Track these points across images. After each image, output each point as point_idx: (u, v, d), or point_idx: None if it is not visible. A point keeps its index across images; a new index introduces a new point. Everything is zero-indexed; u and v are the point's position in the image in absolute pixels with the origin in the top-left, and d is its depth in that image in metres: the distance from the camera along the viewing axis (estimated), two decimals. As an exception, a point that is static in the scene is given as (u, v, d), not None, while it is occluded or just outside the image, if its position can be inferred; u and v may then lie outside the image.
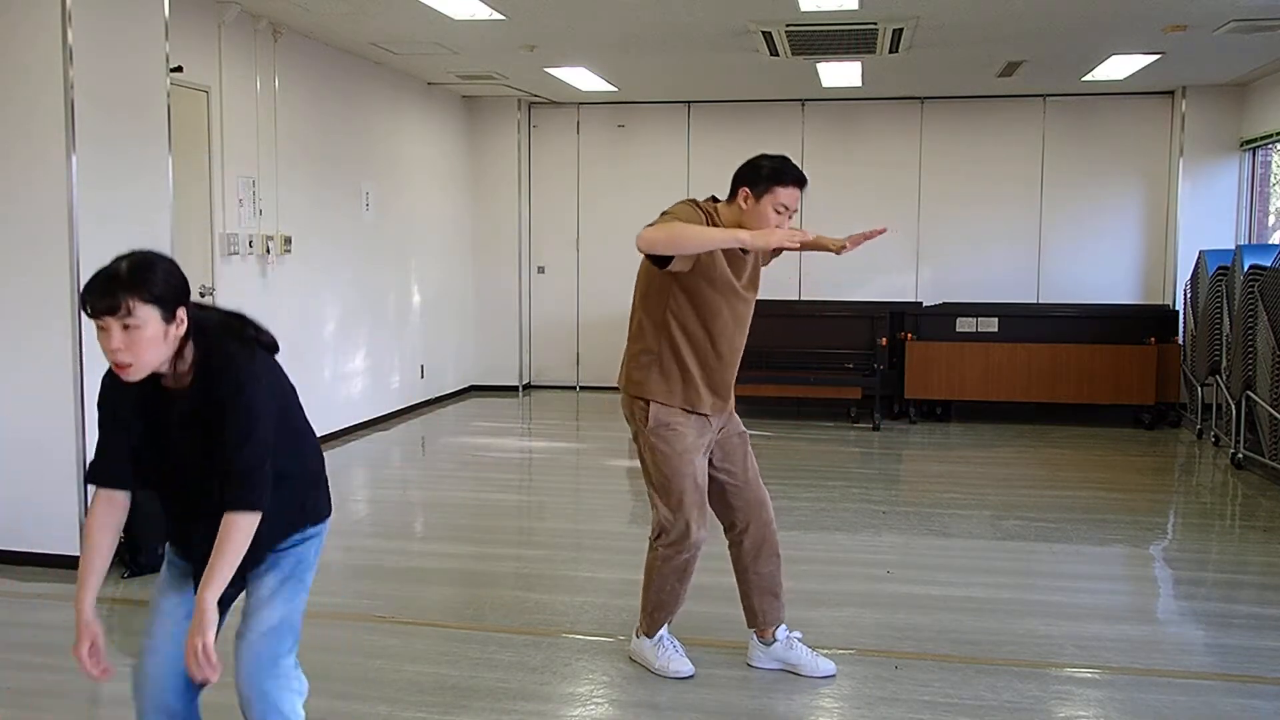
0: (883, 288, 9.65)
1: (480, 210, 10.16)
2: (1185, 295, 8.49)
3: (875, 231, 3.40)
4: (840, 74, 8.30)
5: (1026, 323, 8.48)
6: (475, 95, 9.84)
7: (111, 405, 2.28)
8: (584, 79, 8.72)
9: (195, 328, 2.18)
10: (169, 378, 2.21)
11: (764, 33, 6.73)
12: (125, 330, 2.06)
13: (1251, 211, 8.90)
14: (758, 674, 3.54)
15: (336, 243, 7.66)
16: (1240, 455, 6.87)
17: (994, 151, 9.61)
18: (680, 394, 3.32)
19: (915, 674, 3.54)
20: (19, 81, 4.48)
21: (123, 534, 4.79)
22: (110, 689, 3.53)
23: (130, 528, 4.57)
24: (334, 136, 7.63)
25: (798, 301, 9.50)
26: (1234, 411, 6.97)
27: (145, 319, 2.06)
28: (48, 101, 4.43)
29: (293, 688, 2.35)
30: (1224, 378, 7.31)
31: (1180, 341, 8.39)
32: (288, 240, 6.93)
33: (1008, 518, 5.60)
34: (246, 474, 2.15)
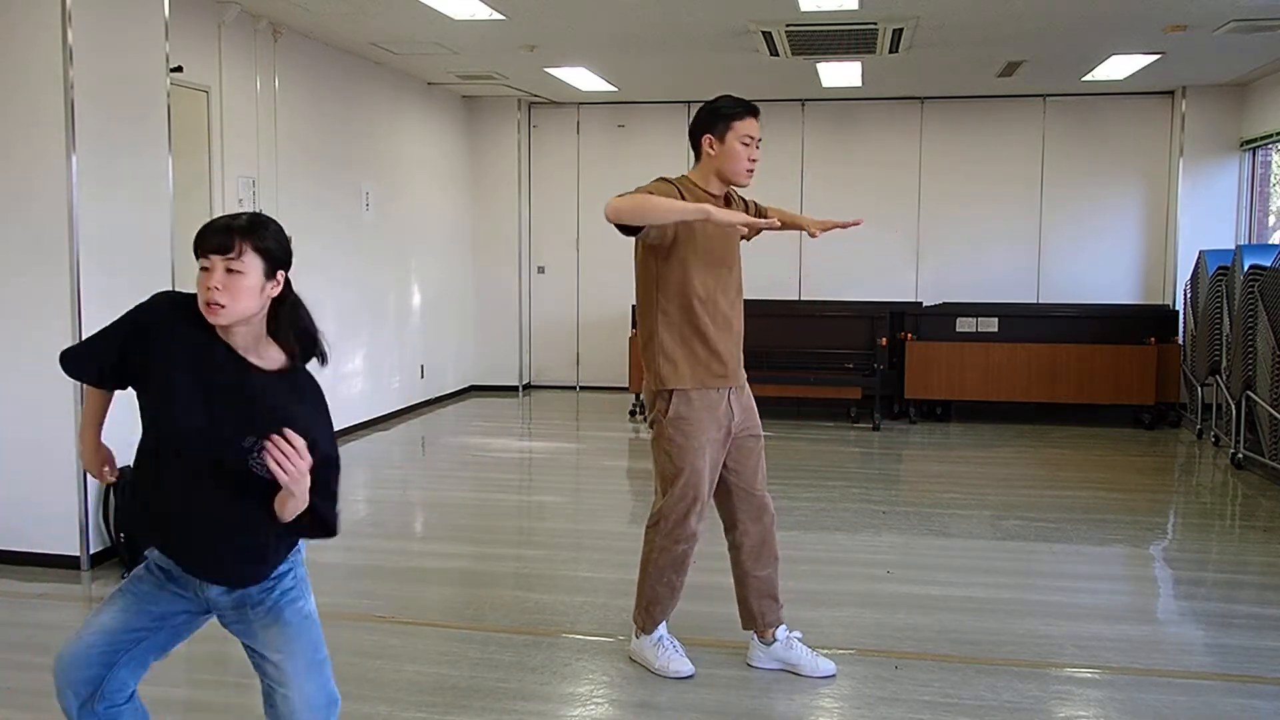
0: (883, 288, 9.65)
1: (480, 210, 10.16)
2: (1185, 295, 8.49)
3: (851, 222, 3.49)
4: (840, 74, 8.30)
5: (1026, 323, 8.48)
6: (475, 95, 9.84)
7: (151, 336, 2.23)
8: (584, 79, 8.72)
9: (292, 320, 2.22)
10: (240, 349, 2.19)
11: (764, 33, 6.73)
12: (229, 273, 2.12)
13: (1251, 211, 8.89)
14: (758, 674, 3.54)
15: (336, 243, 7.66)
16: (1240, 455, 6.87)
17: (994, 151, 9.61)
18: (696, 371, 3.31)
19: (915, 674, 3.54)
20: (19, 82, 4.48)
21: (122, 534, 4.80)
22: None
23: (130, 527, 4.61)
24: (334, 136, 7.63)
25: (798, 301, 9.50)
26: (1234, 411, 6.97)
27: (250, 266, 2.13)
28: (48, 101, 4.43)
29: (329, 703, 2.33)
30: (1224, 378, 7.31)
31: (1180, 341, 8.39)
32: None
33: (1008, 518, 5.60)
34: (331, 501, 2.20)
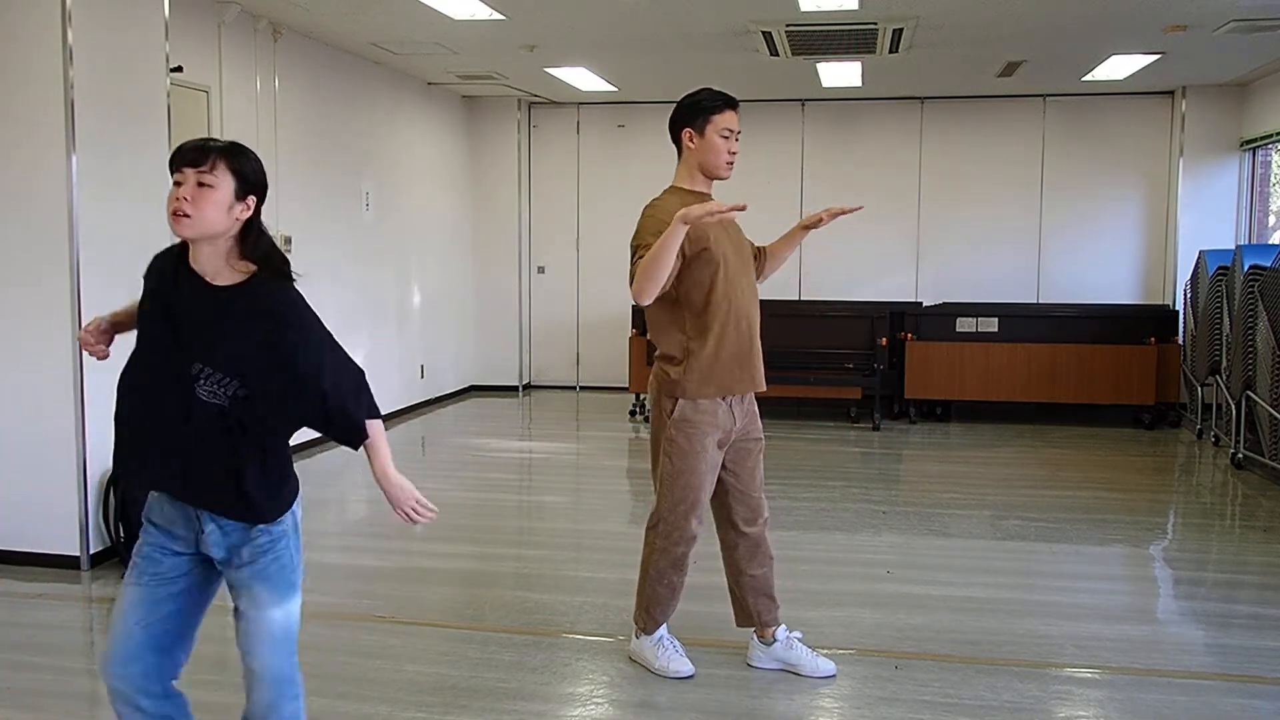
0: (883, 288, 9.65)
1: (480, 210, 10.16)
2: (1185, 295, 8.49)
3: (854, 208, 3.58)
4: (840, 74, 8.30)
5: (1026, 323, 8.48)
6: (475, 95, 9.84)
7: (145, 285, 2.33)
8: (584, 79, 8.72)
9: (258, 244, 2.26)
10: (210, 276, 2.24)
11: (764, 33, 6.73)
12: (199, 187, 2.18)
13: (1251, 211, 8.89)
14: (757, 674, 3.54)
15: (336, 243, 7.66)
16: (1240, 455, 6.87)
17: (994, 151, 9.61)
18: (713, 381, 3.30)
19: (915, 674, 3.54)
20: (19, 82, 4.48)
21: (122, 533, 4.80)
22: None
23: (130, 525, 4.61)
24: (334, 136, 7.63)
25: (798, 301, 9.50)
26: (1234, 411, 6.97)
27: (220, 182, 2.18)
28: (48, 101, 4.43)
29: (297, 694, 2.35)
30: (1224, 378, 7.31)
31: (1180, 341, 8.39)
32: (288, 240, 6.93)
33: (1008, 518, 5.61)
34: (347, 399, 2.27)
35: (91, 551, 4.63)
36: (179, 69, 5.52)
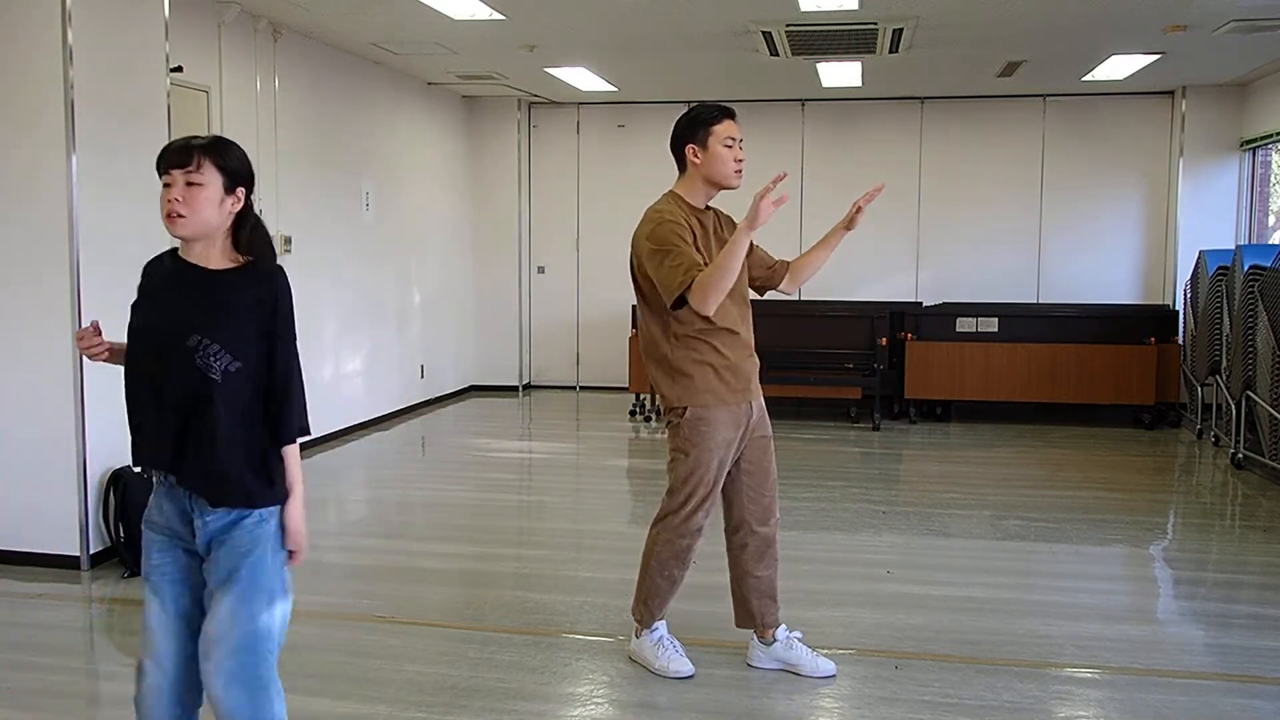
0: (883, 288, 9.66)
1: (480, 210, 10.16)
2: (1185, 295, 8.49)
3: (874, 191, 3.58)
4: (840, 74, 8.30)
5: (1026, 323, 8.48)
6: (475, 95, 9.84)
7: (145, 289, 2.36)
8: (584, 79, 8.72)
9: (254, 233, 2.32)
10: (209, 262, 2.30)
11: (764, 33, 6.74)
12: (189, 186, 2.23)
13: (1251, 211, 8.90)
14: (757, 674, 3.54)
15: (336, 243, 7.66)
16: (1240, 455, 6.87)
17: (994, 151, 9.61)
18: (721, 391, 3.32)
19: (915, 674, 3.54)
20: (19, 82, 4.48)
21: (122, 533, 4.80)
22: (110, 689, 3.54)
23: (130, 526, 4.61)
24: (334, 136, 7.63)
25: (798, 301, 9.48)
26: (1234, 411, 6.97)
27: (209, 179, 2.24)
28: (48, 102, 4.43)
29: (274, 697, 2.30)
30: (1224, 378, 7.31)
31: (1180, 341, 8.40)
32: (288, 240, 6.93)
33: (1008, 518, 5.60)
34: (290, 401, 2.29)
35: (91, 551, 4.63)
36: (179, 69, 5.53)
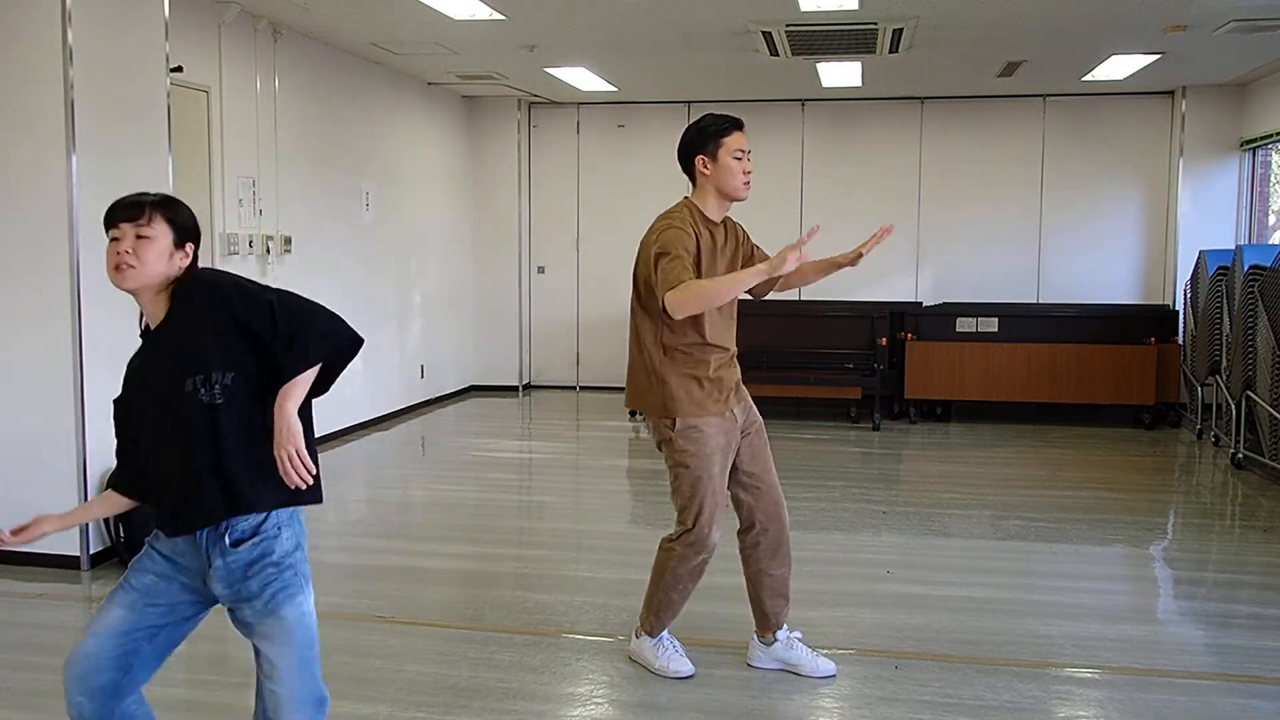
0: (883, 288, 9.65)
1: (480, 210, 10.16)
2: (1185, 295, 8.49)
3: (883, 233, 3.49)
4: (840, 74, 8.30)
5: (1026, 323, 8.48)
6: (475, 95, 9.84)
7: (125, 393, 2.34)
8: (584, 79, 8.72)
9: (194, 277, 2.30)
10: (153, 319, 2.29)
11: (764, 33, 6.73)
12: (138, 239, 2.23)
13: (1251, 211, 8.90)
14: (758, 674, 3.54)
15: (336, 243, 7.66)
16: (1240, 455, 6.87)
17: (994, 151, 9.61)
18: (706, 403, 3.31)
19: (915, 674, 3.54)
20: (19, 82, 4.48)
21: (122, 533, 4.79)
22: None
23: (130, 527, 4.61)
24: (334, 136, 7.63)
25: (798, 301, 9.48)
26: (1234, 411, 6.97)
27: (158, 233, 2.25)
28: (48, 101, 4.43)
29: (317, 701, 2.36)
30: (1224, 378, 7.31)
31: (1180, 341, 8.39)
32: (288, 240, 6.93)
33: (1008, 518, 5.60)
34: (299, 332, 2.24)
35: (91, 551, 4.64)
36: (179, 69, 5.53)
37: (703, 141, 3.33)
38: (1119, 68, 7.97)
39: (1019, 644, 3.81)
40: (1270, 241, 8.65)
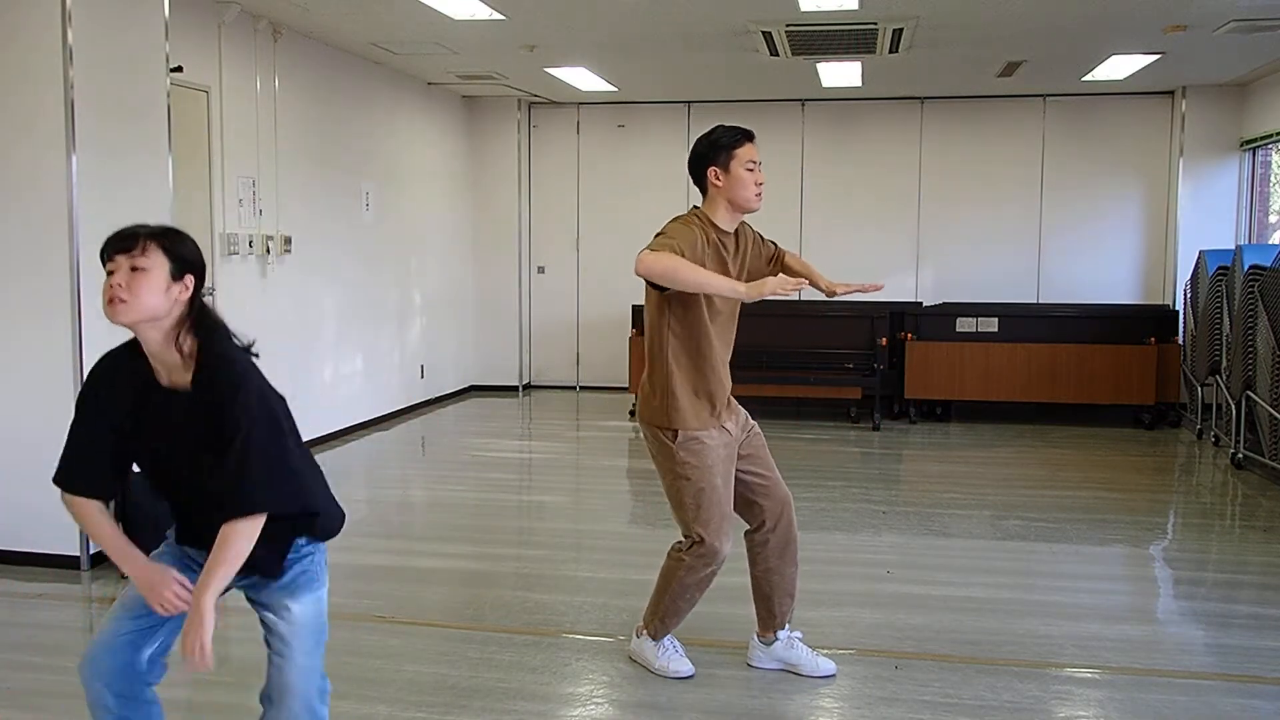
0: (883, 288, 9.63)
1: (480, 210, 10.16)
2: (1185, 295, 8.49)
3: (871, 286, 3.52)
4: (840, 74, 8.30)
5: (1026, 323, 8.48)
6: (475, 95, 9.84)
7: (99, 401, 2.24)
8: (584, 79, 8.72)
9: (200, 321, 2.20)
10: (163, 373, 2.20)
11: (764, 33, 6.73)
12: (133, 271, 2.12)
13: (1251, 211, 8.90)
14: (758, 674, 3.54)
15: (336, 243, 7.66)
16: (1240, 455, 6.87)
17: (994, 152, 9.61)
18: (705, 418, 3.32)
19: (915, 674, 3.54)
20: (19, 82, 4.48)
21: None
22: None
23: (129, 527, 4.60)
24: (334, 136, 7.63)
25: (798, 301, 9.47)
26: (1234, 411, 6.97)
27: (154, 264, 2.13)
28: (48, 102, 4.43)
29: (320, 689, 2.44)
30: (1224, 378, 7.31)
31: (1180, 341, 8.39)
32: (288, 240, 6.93)
33: (1008, 518, 5.61)
34: (245, 476, 2.14)
35: (91, 551, 4.63)
36: (179, 69, 5.52)
37: (715, 153, 3.32)
38: (1119, 68, 7.97)
39: (1019, 644, 3.81)
40: (1270, 241, 8.65)
